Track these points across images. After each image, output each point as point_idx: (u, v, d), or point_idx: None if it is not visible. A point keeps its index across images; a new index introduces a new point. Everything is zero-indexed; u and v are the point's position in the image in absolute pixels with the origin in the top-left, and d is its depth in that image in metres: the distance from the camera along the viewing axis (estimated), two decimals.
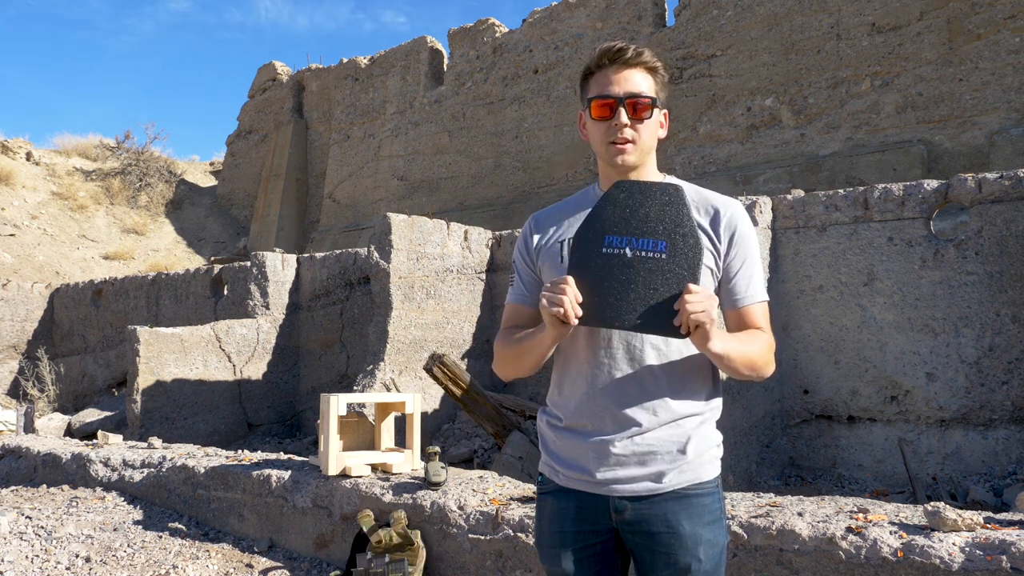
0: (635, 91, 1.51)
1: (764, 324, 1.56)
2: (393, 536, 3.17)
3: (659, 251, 1.37)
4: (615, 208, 1.41)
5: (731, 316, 1.57)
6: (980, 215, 5.35)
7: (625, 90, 1.51)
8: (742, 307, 1.55)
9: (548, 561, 1.59)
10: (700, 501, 1.52)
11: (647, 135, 1.54)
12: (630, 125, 1.51)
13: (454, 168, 14.07)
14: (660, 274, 1.36)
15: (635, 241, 1.38)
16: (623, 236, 1.39)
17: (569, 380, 1.56)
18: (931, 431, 5.52)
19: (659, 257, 1.37)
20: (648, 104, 1.52)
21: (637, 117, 1.51)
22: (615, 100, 1.51)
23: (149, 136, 22.88)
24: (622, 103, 1.51)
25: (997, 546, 2.16)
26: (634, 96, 1.51)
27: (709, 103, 11.09)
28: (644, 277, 1.36)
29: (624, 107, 1.51)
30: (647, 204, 1.40)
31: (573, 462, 1.54)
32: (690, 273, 1.36)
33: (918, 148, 9.27)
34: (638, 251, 1.38)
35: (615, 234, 1.40)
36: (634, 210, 1.40)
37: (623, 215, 1.40)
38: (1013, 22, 8.88)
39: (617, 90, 1.51)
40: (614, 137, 1.52)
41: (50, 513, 4.19)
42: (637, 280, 1.36)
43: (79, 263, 15.08)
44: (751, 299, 1.55)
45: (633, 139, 1.52)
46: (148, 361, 7.12)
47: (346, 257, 8.09)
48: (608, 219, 1.41)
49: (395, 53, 15.56)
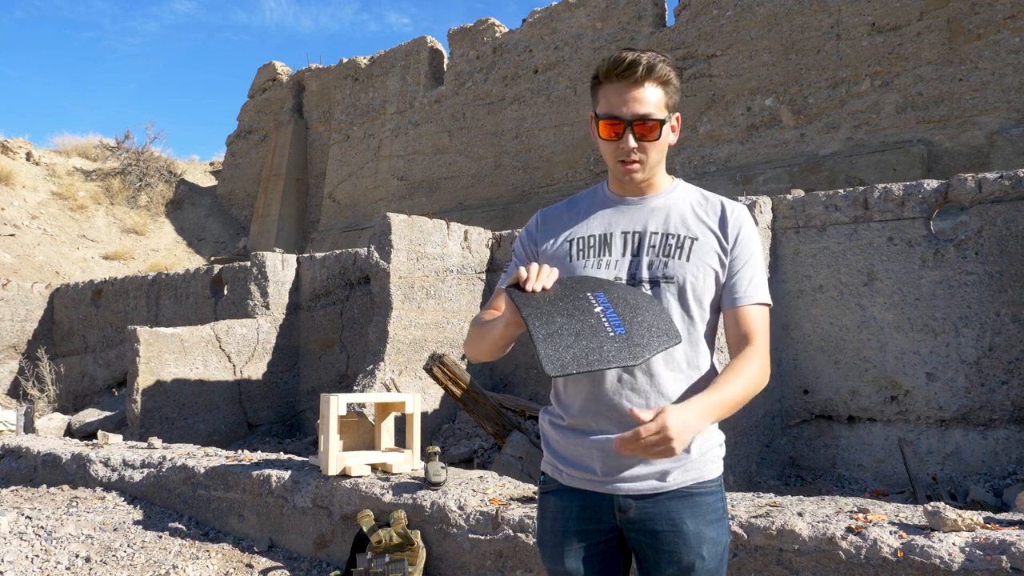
0: (643, 112, 1.49)
1: (759, 328, 1.53)
2: (393, 536, 3.17)
3: (618, 330, 1.35)
4: (622, 292, 1.44)
5: (729, 316, 1.57)
6: (980, 215, 5.35)
7: (633, 112, 1.48)
8: (739, 307, 1.54)
9: (551, 560, 1.59)
10: (703, 500, 1.53)
11: (655, 153, 1.53)
12: (637, 148, 1.51)
13: (454, 168, 14.07)
14: (597, 339, 1.32)
15: (611, 312, 1.38)
16: (610, 305, 1.39)
17: (573, 379, 1.56)
18: (931, 431, 5.52)
19: (616, 334, 1.34)
20: (656, 125, 1.50)
21: (645, 139, 1.51)
22: (623, 122, 1.49)
23: (149, 136, 22.87)
24: (630, 126, 1.49)
25: (997, 546, 2.16)
26: (641, 119, 1.49)
27: (709, 103, 11.09)
28: (588, 333, 1.33)
29: (632, 131, 1.49)
30: (645, 308, 1.41)
31: (577, 461, 1.55)
32: (632, 352, 1.32)
33: (918, 148, 9.27)
34: (603, 316, 1.37)
35: (602, 293, 1.41)
36: (634, 303, 1.41)
37: (623, 297, 1.42)
38: (1013, 22, 8.88)
39: (625, 111, 1.49)
40: (622, 157, 1.52)
41: (50, 513, 4.19)
42: (584, 332, 1.33)
43: (79, 263, 15.08)
44: (749, 299, 1.54)
45: (640, 160, 1.53)
46: (148, 361, 7.12)
47: (346, 257, 8.09)
48: (613, 288, 1.43)
49: (395, 53, 15.56)
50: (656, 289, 1.52)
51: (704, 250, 1.53)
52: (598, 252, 1.56)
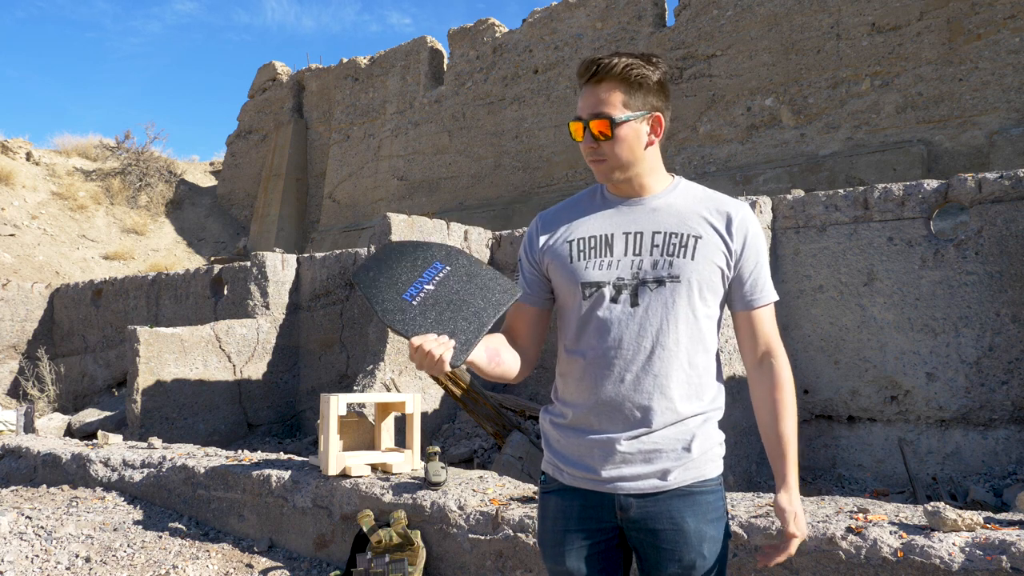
0: (596, 111, 1.51)
1: (772, 327, 1.61)
2: (393, 536, 3.17)
3: (442, 271, 1.48)
4: (380, 277, 1.50)
5: (742, 317, 1.59)
6: (980, 215, 5.35)
7: (588, 111, 1.52)
8: (754, 308, 1.58)
9: (552, 560, 1.60)
10: (704, 498, 1.53)
11: (619, 149, 1.52)
12: (596, 146, 1.52)
13: (454, 168, 14.07)
14: (458, 281, 1.46)
15: (424, 276, 1.47)
16: (413, 282, 1.47)
17: (574, 378, 1.56)
18: (931, 431, 5.52)
19: (448, 272, 1.47)
20: (605, 123, 1.50)
21: (599, 137, 1.52)
22: (582, 123, 1.52)
23: (149, 136, 22.85)
24: (587, 125, 1.52)
25: (997, 546, 2.16)
26: (596, 116, 1.51)
27: (709, 103, 11.09)
28: (457, 291, 1.45)
29: (588, 129, 1.52)
30: (393, 261, 1.51)
31: (578, 460, 1.55)
32: (476, 264, 1.48)
33: (918, 148, 9.28)
34: (433, 280, 1.47)
35: (406, 287, 1.47)
36: (394, 265, 1.50)
37: (392, 275, 1.49)
38: (1013, 22, 8.88)
39: (583, 110, 1.53)
40: (588, 156, 1.55)
41: (50, 513, 4.19)
42: (453, 299, 1.44)
43: (79, 263, 15.08)
44: (763, 300, 1.59)
45: (602, 157, 1.54)
46: (148, 361, 7.12)
47: (346, 257, 8.09)
48: (387, 287, 1.48)
49: (395, 53, 15.56)
50: (662, 288, 1.51)
51: (709, 248, 1.53)
52: (600, 252, 1.56)
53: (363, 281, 1.48)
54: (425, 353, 1.35)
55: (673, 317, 1.51)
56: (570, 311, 1.58)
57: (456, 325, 1.40)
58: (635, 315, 1.51)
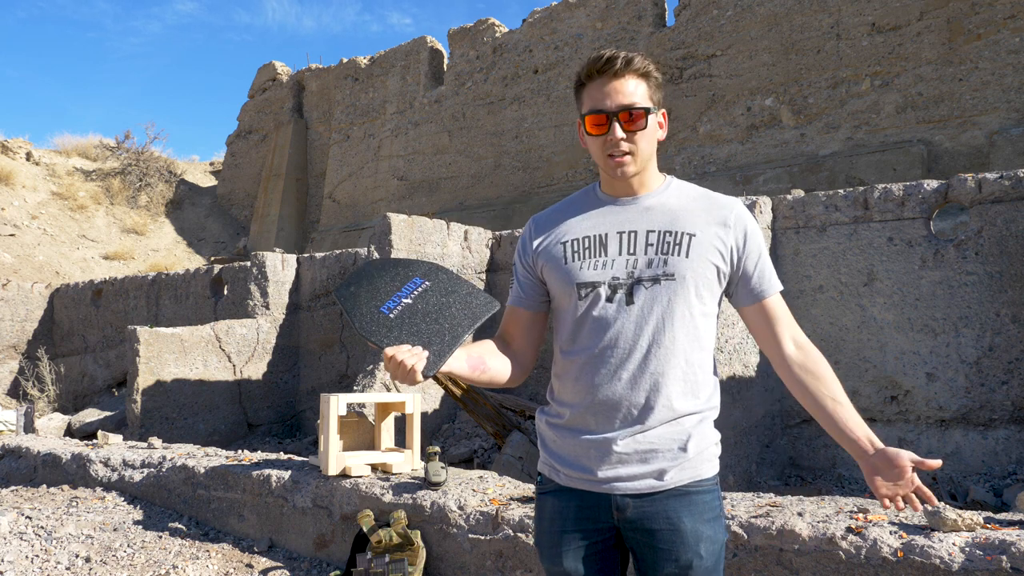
0: (627, 103, 1.50)
1: (785, 313, 1.61)
2: (393, 536, 3.17)
3: (421, 285, 1.52)
4: (361, 292, 1.54)
5: (753, 311, 1.59)
6: (980, 215, 5.35)
7: (617, 103, 1.50)
8: (764, 300, 1.58)
9: (549, 560, 1.59)
10: (700, 498, 1.53)
11: (644, 144, 1.53)
12: (626, 138, 1.51)
13: (454, 168, 14.07)
14: (437, 295, 1.51)
15: (403, 291, 1.52)
16: (392, 296, 1.51)
17: (571, 378, 1.56)
18: (931, 431, 5.52)
19: (427, 287, 1.52)
20: (642, 114, 1.51)
21: (632, 129, 1.51)
22: (608, 115, 1.50)
23: (149, 136, 22.85)
24: (615, 117, 1.50)
25: (997, 546, 2.16)
26: (626, 108, 1.50)
27: (709, 103, 11.09)
28: (435, 304, 1.49)
29: (618, 121, 1.50)
30: (375, 277, 1.56)
31: (574, 461, 1.55)
32: (455, 280, 1.52)
33: (918, 148, 9.28)
34: (411, 294, 1.51)
35: (385, 301, 1.51)
36: (375, 280, 1.55)
37: (372, 289, 1.53)
38: (1013, 22, 8.88)
39: (609, 104, 1.50)
40: (611, 151, 1.52)
41: (50, 513, 4.19)
42: (430, 312, 1.49)
43: (79, 263, 15.08)
44: (770, 291, 1.59)
45: (630, 151, 1.53)
46: (148, 361, 7.12)
47: (346, 257, 8.09)
48: (366, 301, 1.52)
49: (395, 53, 15.56)
50: (657, 286, 1.51)
51: (703, 246, 1.53)
52: (594, 252, 1.56)
53: (343, 295, 1.52)
54: (398, 363, 1.37)
55: (669, 314, 1.50)
56: (566, 312, 1.57)
57: (431, 337, 1.43)
58: (631, 313, 1.51)
